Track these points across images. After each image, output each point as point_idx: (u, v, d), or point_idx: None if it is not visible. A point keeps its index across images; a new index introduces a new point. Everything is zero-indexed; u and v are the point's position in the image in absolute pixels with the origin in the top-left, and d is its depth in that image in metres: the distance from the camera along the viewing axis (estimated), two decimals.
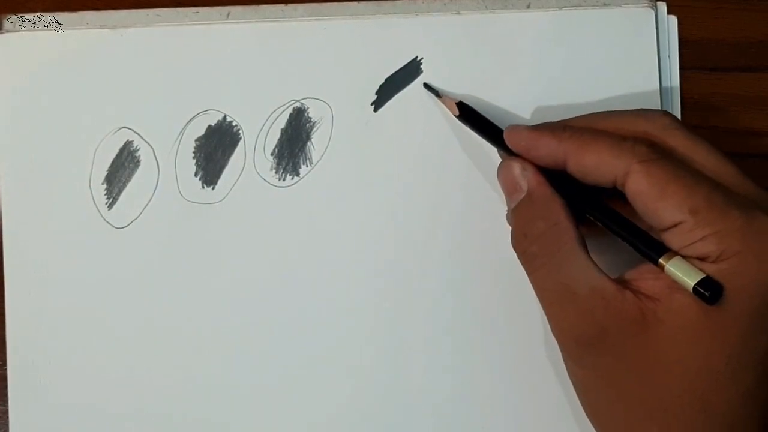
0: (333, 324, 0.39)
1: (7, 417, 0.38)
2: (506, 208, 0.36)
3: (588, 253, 0.33)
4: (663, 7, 0.40)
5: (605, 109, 0.38)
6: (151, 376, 0.38)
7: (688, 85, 0.40)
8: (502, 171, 0.35)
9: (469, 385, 0.38)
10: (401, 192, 0.39)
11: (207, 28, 0.39)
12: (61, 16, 0.40)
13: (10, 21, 0.40)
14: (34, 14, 0.40)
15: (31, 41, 0.39)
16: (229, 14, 0.40)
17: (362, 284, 0.39)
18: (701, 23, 0.40)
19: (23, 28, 0.39)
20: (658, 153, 0.32)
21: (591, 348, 0.32)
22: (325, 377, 0.38)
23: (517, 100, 0.39)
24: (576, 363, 0.33)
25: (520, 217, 0.35)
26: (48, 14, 0.40)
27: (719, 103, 0.40)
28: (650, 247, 0.32)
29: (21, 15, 0.40)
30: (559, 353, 0.34)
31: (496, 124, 0.37)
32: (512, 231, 0.35)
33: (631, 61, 0.39)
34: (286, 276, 0.39)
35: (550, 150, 0.34)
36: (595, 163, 0.33)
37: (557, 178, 0.34)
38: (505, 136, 0.35)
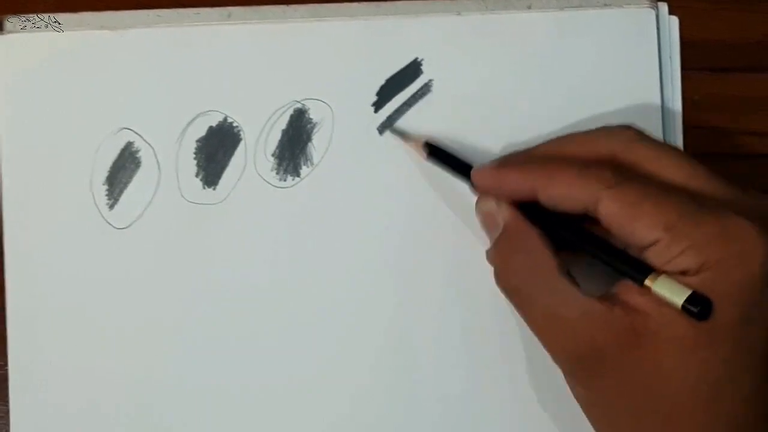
0: (335, 324, 0.39)
1: (9, 417, 0.38)
2: None
3: (571, 278, 0.33)
4: (664, 7, 0.39)
5: (605, 109, 0.39)
6: (152, 376, 0.38)
7: (689, 86, 0.40)
8: (479, 209, 0.36)
9: (475, 387, 0.38)
10: (402, 192, 0.39)
11: (208, 29, 0.39)
12: (62, 17, 0.40)
13: (11, 21, 0.40)
14: (35, 15, 0.40)
15: (32, 42, 0.39)
16: (229, 15, 0.40)
17: (364, 284, 0.39)
18: (702, 24, 0.40)
19: (23, 29, 0.39)
20: (624, 175, 0.32)
21: (590, 368, 0.32)
22: (326, 378, 0.38)
23: (517, 101, 0.39)
24: (578, 384, 0.33)
25: (498, 252, 0.35)
26: (48, 15, 0.40)
27: (720, 104, 0.40)
28: (634, 267, 0.32)
29: (21, 15, 0.40)
30: None
31: (467, 157, 0.37)
32: (494, 268, 0.35)
33: (632, 62, 0.39)
34: (287, 276, 0.39)
35: (517, 186, 0.34)
36: (563, 194, 0.33)
37: (532, 208, 0.34)
38: (472, 179, 0.36)
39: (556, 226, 0.34)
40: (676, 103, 0.39)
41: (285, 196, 0.39)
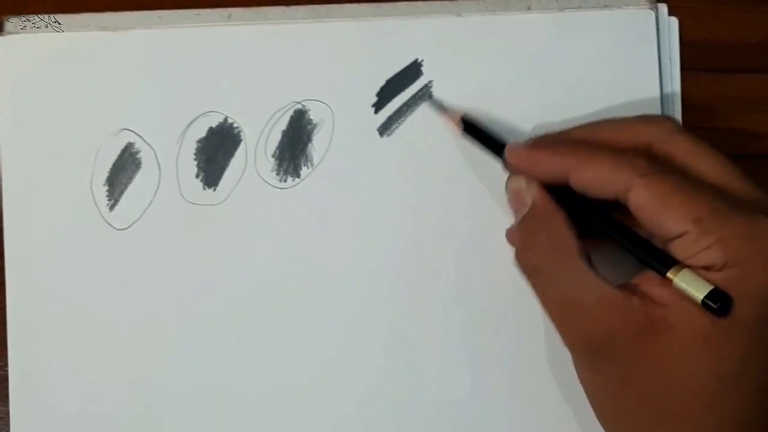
0: (335, 325, 0.39)
1: (9, 417, 0.38)
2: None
3: (591, 264, 0.33)
4: (664, 8, 0.40)
5: (605, 109, 0.39)
6: (152, 376, 0.38)
7: (688, 86, 0.40)
8: (509, 186, 0.36)
9: (478, 389, 0.38)
10: (403, 192, 0.39)
11: (208, 30, 0.39)
12: (62, 18, 0.40)
13: (11, 22, 0.40)
14: (35, 15, 0.40)
15: (32, 42, 0.39)
16: (230, 16, 0.40)
17: (365, 285, 0.39)
18: (702, 24, 0.40)
19: (24, 29, 0.40)
20: (658, 165, 0.32)
21: (602, 354, 0.32)
22: (325, 379, 0.38)
23: (518, 102, 0.39)
24: (587, 368, 0.33)
25: (524, 230, 0.35)
26: (48, 15, 0.40)
27: (720, 104, 0.40)
28: (657, 259, 0.32)
29: (22, 16, 0.40)
30: (568, 354, 0.34)
31: (501, 134, 0.37)
32: (516, 245, 0.35)
33: (632, 63, 0.39)
34: (287, 277, 0.39)
35: (550, 167, 0.34)
36: (595, 179, 0.33)
37: (562, 192, 0.34)
38: (505, 156, 0.36)
39: (584, 211, 0.34)
40: (676, 104, 0.39)
41: (285, 197, 0.39)
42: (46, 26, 0.40)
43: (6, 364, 0.38)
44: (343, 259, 0.39)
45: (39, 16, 0.40)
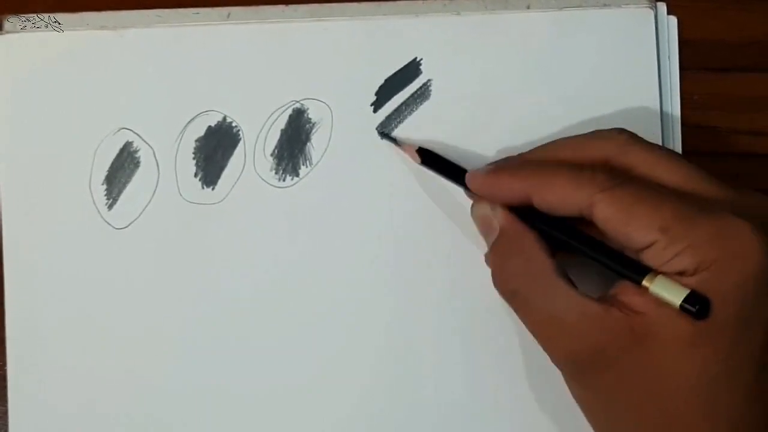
0: (334, 324, 0.38)
1: (7, 417, 0.38)
2: None
3: (568, 279, 0.33)
4: (663, 7, 0.40)
5: (604, 110, 0.39)
6: (151, 375, 0.38)
7: (687, 86, 0.40)
8: (474, 212, 0.36)
9: (475, 389, 0.38)
10: (401, 192, 0.39)
11: (207, 29, 0.39)
12: (61, 17, 0.40)
13: (10, 21, 0.40)
14: (35, 15, 0.40)
15: (31, 42, 0.39)
16: (229, 15, 0.40)
17: (363, 284, 0.39)
18: (701, 23, 0.40)
19: (23, 29, 0.40)
20: (618, 178, 0.32)
21: (589, 368, 0.32)
22: (324, 378, 0.38)
23: (516, 101, 0.39)
24: (578, 385, 0.33)
25: (496, 256, 0.35)
26: (48, 15, 0.40)
27: (719, 104, 0.40)
28: (631, 268, 0.32)
29: (21, 15, 0.40)
30: None
31: (459, 162, 0.37)
32: (491, 271, 0.35)
33: (631, 62, 0.39)
34: (286, 276, 0.39)
35: (511, 191, 0.34)
36: (557, 199, 0.33)
37: (528, 211, 0.34)
38: (467, 183, 0.36)
39: (552, 228, 0.34)
40: (675, 103, 0.39)
41: (284, 196, 0.39)
42: (46, 26, 0.40)
43: (5, 363, 0.38)
44: (341, 258, 0.39)
45: (38, 15, 0.40)
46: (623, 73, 0.39)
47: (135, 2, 0.40)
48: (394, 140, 0.39)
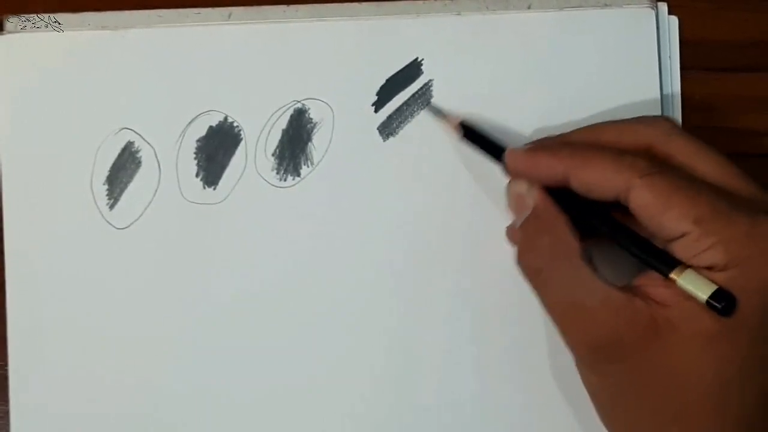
0: (336, 325, 0.39)
1: (8, 417, 0.38)
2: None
3: (593, 266, 0.33)
4: (664, 7, 0.40)
5: (605, 109, 0.39)
6: (151, 376, 0.38)
7: (688, 86, 0.40)
8: (510, 190, 0.36)
9: (480, 391, 0.38)
10: (403, 191, 0.39)
11: (208, 29, 0.39)
12: (62, 17, 0.40)
13: (11, 21, 0.40)
14: (35, 15, 0.40)
15: (32, 42, 0.39)
16: (230, 15, 0.40)
17: (366, 284, 0.39)
18: (702, 24, 0.40)
19: (23, 29, 0.39)
20: (659, 165, 0.32)
21: (605, 356, 0.32)
22: (325, 379, 0.38)
23: (518, 101, 0.39)
24: (591, 371, 0.33)
25: (525, 232, 0.35)
26: (48, 15, 0.40)
27: (720, 104, 0.40)
28: (660, 260, 0.32)
29: (21, 15, 0.40)
30: (570, 356, 0.34)
31: (500, 139, 0.37)
32: (518, 246, 0.35)
33: (632, 62, 0.39)
34: (287, 276, 0.39)
35: (550, 170, 0.34)
36: (596, 180, 0.33)
37: (563, 194, 0.34)
38: (505, 160, 0.36)
39: (585, 213, 0.34)
40: (676, 103, 0.39)
41: (285, 196, 0.39)
42: (46, 26, 0.40)
43: (6, 363, 0.38)
44: (343, 258, 0.39)
45: (39, 15, 0.40)
46: (624, 73, 0.39)
47: (136, 2, 0.40)
48: (438, 111, 0.38)
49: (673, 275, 0.31)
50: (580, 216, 0.34)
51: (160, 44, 0.39)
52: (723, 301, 0.30)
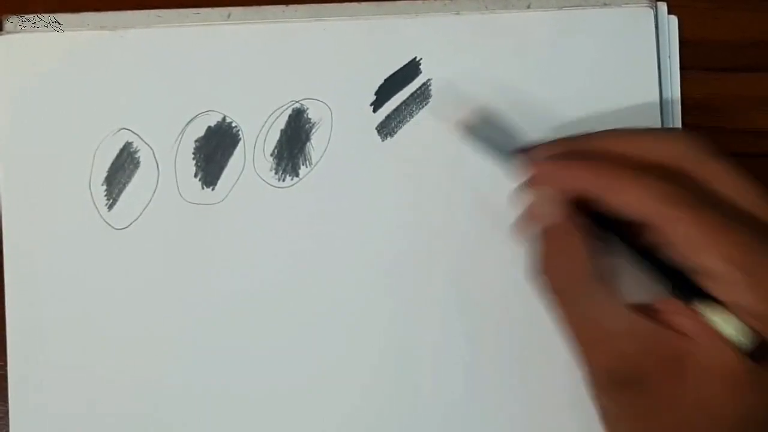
0: (334, 325, 0.38)
1: (8, 417, 0.38)
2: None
3: (616, 290, 0.32)
4: (663, 7, 0.39)
5: (604, 110, 0.39)
6: (151, 376, 0.38)
7: (688, 86, 0.40)
8: (534, 202, 0.35)
9: (476, 391, 0.38)
10: (402, 191, 0.39)
11: (207, 29, 0.39)
12: (62, 17, 0.40)
13: (10, 21, 0.40)
14: (35, 15, 0.40)
15: (32, 42, 0.39)
16: (229, 15, 0.40)
17: (364, 284, 0.39)
18: (701, 23, 0.40)
19: (23, 29, 0.40)
20: (700, 198, 0.31)
21: (625, 385, 0.31)
22: (325, 379, 0.38)
23: (517, 101, 0.39)
24: (607, 396, 0.32)
25: (548, 249, 0.34)
26: (48, 15, 0.40)
27: (719, 104, 0.40)
28: (690, 290, 0.31)
29: (21, 15, 0.40)
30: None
31: (506, 138, 0.37)
32: (538, 262, 0.34)
33: (631, 61, 0.39)
34: (286, 277, 0.39)
35: (583, 184, 0.33)
36: (636, 206, 0.32)
37: (583, 207, 0.33)
38: (529, 169, 0.35)
39: (609, 229, 0.33)
40: (675, 103, 0.39)
41: (284, 196, 0.39)
42: (46, 26, 0.40)
43: (5, 364, 0.38)
44: (342, 259, 0.39)
45: (39, 15, 0.40)
46: (623, 73, 0.39)
47: (135, 2, 0.40)
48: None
49: (704, 310, 0.30)
50: (603, 232, 0.33)
51: (159, 44, 0.39)
52: (755, 345, 0.29)
